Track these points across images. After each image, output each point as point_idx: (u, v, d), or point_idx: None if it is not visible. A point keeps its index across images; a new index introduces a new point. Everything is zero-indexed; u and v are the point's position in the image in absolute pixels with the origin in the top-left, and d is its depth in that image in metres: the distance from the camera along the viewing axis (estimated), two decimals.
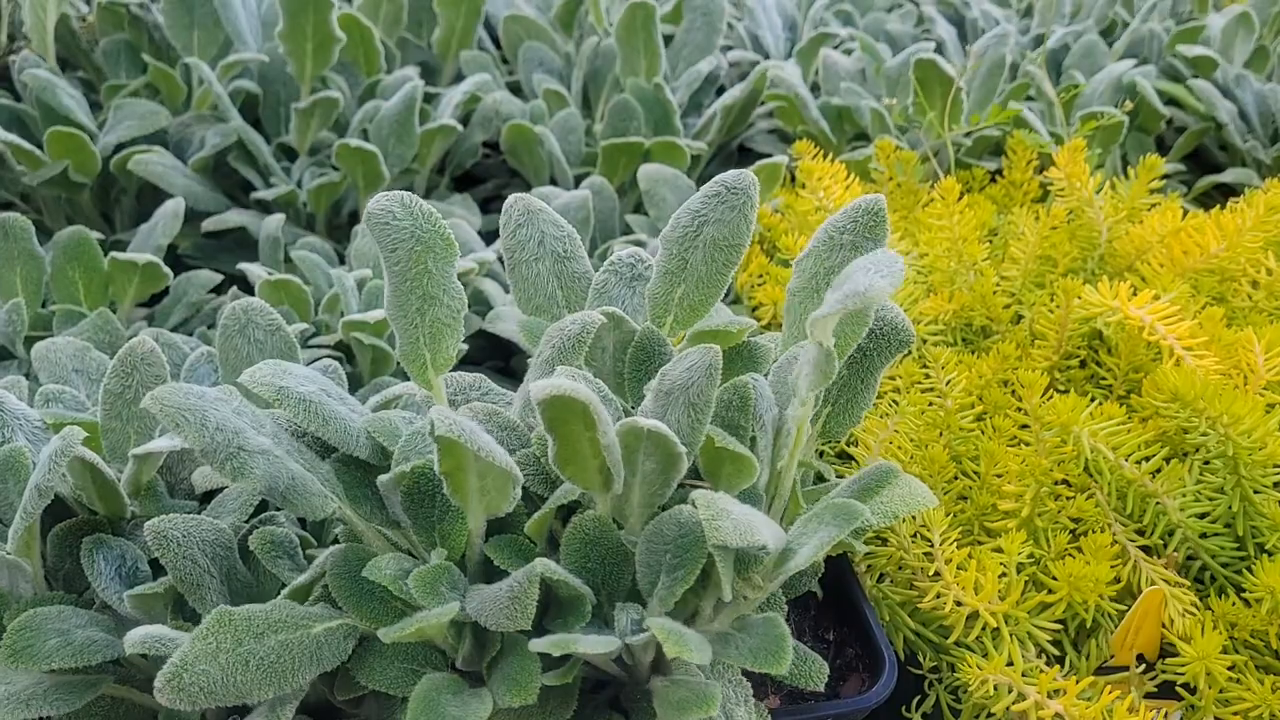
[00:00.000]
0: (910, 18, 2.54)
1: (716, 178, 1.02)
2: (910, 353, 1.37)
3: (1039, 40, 2.40)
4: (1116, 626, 1.11)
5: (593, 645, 0.77)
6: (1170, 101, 2.15)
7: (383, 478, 0.89)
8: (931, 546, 1.07)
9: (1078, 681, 1.01)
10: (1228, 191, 2.04)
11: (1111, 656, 1.11)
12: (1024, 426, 1.19)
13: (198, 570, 0.96)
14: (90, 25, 2.08)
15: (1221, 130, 2.06)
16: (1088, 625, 1.10)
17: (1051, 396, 1.14)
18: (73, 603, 1.00)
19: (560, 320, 0.98)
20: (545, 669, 0.84)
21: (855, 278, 0.79)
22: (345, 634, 0.87)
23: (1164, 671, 1.09)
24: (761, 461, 0.92)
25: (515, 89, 2.19)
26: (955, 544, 1.07)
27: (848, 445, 1.29)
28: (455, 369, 0.99)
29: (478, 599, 0.86)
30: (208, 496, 1.12)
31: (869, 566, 1.15)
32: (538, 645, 0.77)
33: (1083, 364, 1.34)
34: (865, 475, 0.92)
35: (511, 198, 1.07)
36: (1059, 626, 1.10)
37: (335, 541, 1.04)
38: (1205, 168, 2.16)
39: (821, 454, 1.27)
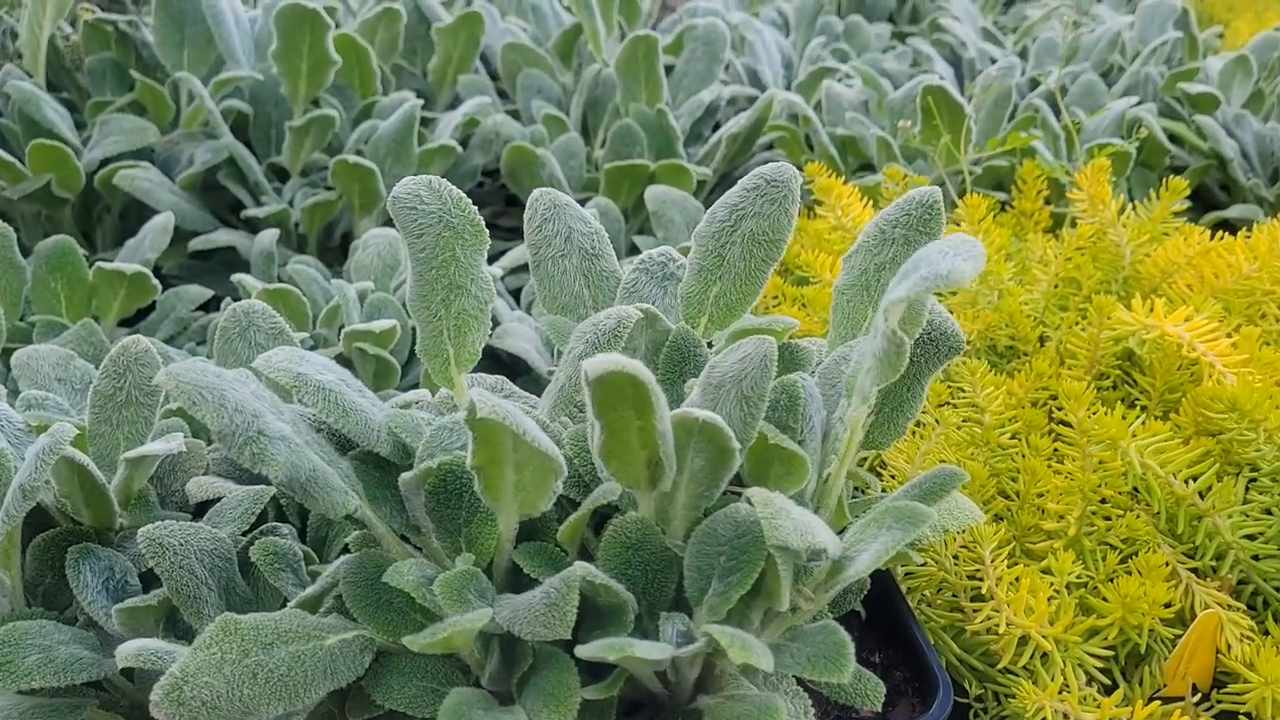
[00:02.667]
0: (906, 57, 2.53)
1: (754, 170, 0.97)
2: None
3: (1034, 82, 2.39)
4: (1169, 653, 1.05)
5: (647, 650, 0.70)
6: (1171, 139, 2.14)
7: (406, 475, 0.82)
8: (979, 565, 1.01)
9: (1134, 711, 0.94)
10: (1229, 229, 2.02)
11: (1164, 685, 1.05)
12: (1061, 438, 1.14)
13: (194, 581, 0.88)
14: (76, 44, 2.02)
15: (1226, 167, 2.05)
16: (1141, 650, 1.04)
17: (1095, 411, 1.09)
18: (54, 619, 0.92)
19: (594, 315, 0.92)
20: (584, 684, 0.77)
21: (933, 261, 0.74)
22: (361, 647, 0.80)
23: (1219, 701, 1.03)
24: (810, 466, 0.86)
25: (514, 117, 2.14)
26: (1008, 558, 1.00)
27: (874, 467, 1.23)
28: None
29: (509, 607, 0.79)
30: (201, 510, 1.04)
31: (908, 589, 1.08)
32: (587, 651, 0.70)
33: (1115, 385, 1.30)
34: (927, 479, 0.86)
35: (537, 192, 1.01)
36: (1109, 652, 1.04)
37: (344, 552, 0.96)
38: (1206, 206, 2.15)
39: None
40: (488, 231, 0.90)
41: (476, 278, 0.89)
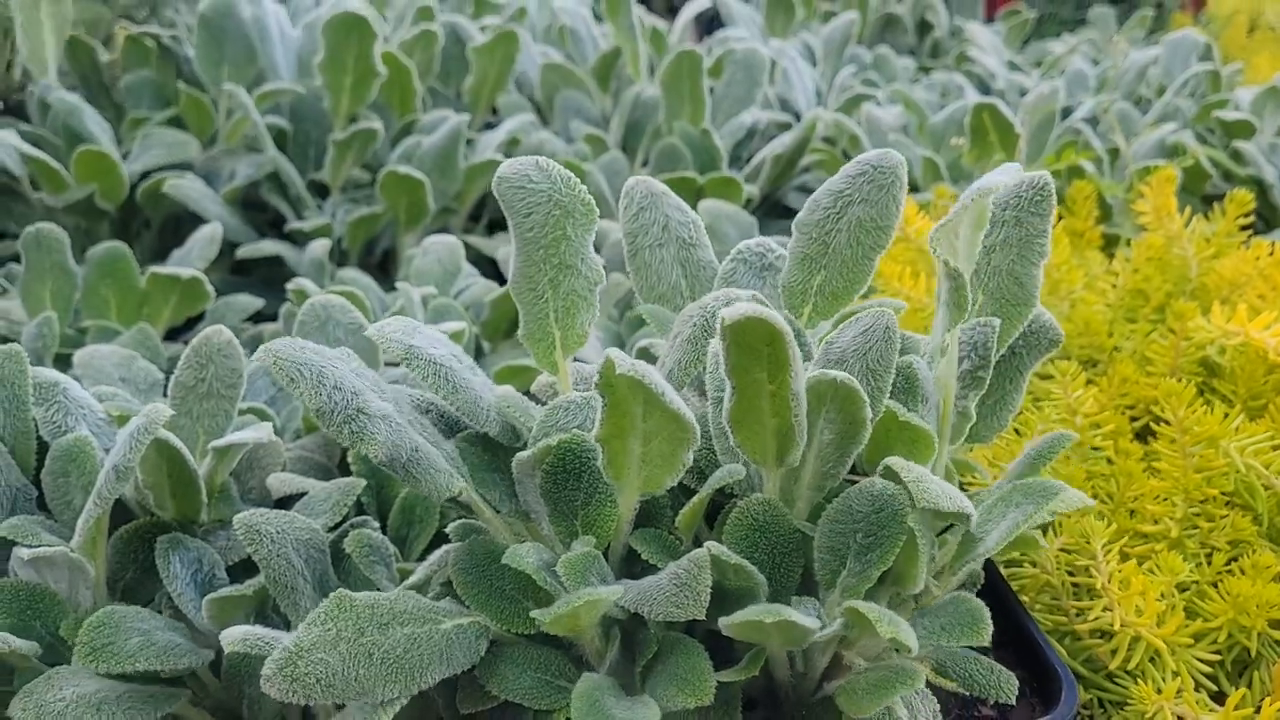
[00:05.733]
0: (934, 87, 2.53)
1: (858, 157, 0.95)
2: None
3: (1066, 112, 2.40)
4: (1277, 659, 1.02)
5: (801, 618, 0.66)
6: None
7: (522, 454, 0.79)
8: (1088, 562, 0.98)
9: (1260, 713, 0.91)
10: None
11: (1272, 691, 1.02)
12: (1151, 443, 1.12)
13: (291, 571, 0.85)
14: (115, 61, 2.01)
15: (1266, 193, 2.05)
16: (1252, 654, 1.01)
17: (1195, 410, 1.07)
18: None
19: (700, 299, 0.89)
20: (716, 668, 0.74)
21: (973, 185, 0.74)
22: (477, 633, 0.77)
23: None
24: (936, 444, 0.83)
25: None
26: (1118, 559, 0.98)
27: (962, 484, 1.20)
28: None
29: (635, 589, 0.75)
30: (280, 506, 1.00)
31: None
32: (739, 616, 0.67)
33: (1200, 392, 1.28)
34: (1035, 446, 0.84)
35: (632, 180, 0.99)
36: (1218, 656, 1.01)
37: (431, 549, 0.93)
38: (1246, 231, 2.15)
39: None
40: (597, 210, 0.87)
41: (586, 257, 0.87)
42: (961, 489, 1.06)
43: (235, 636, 0.75)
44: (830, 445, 0.77)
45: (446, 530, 0.86)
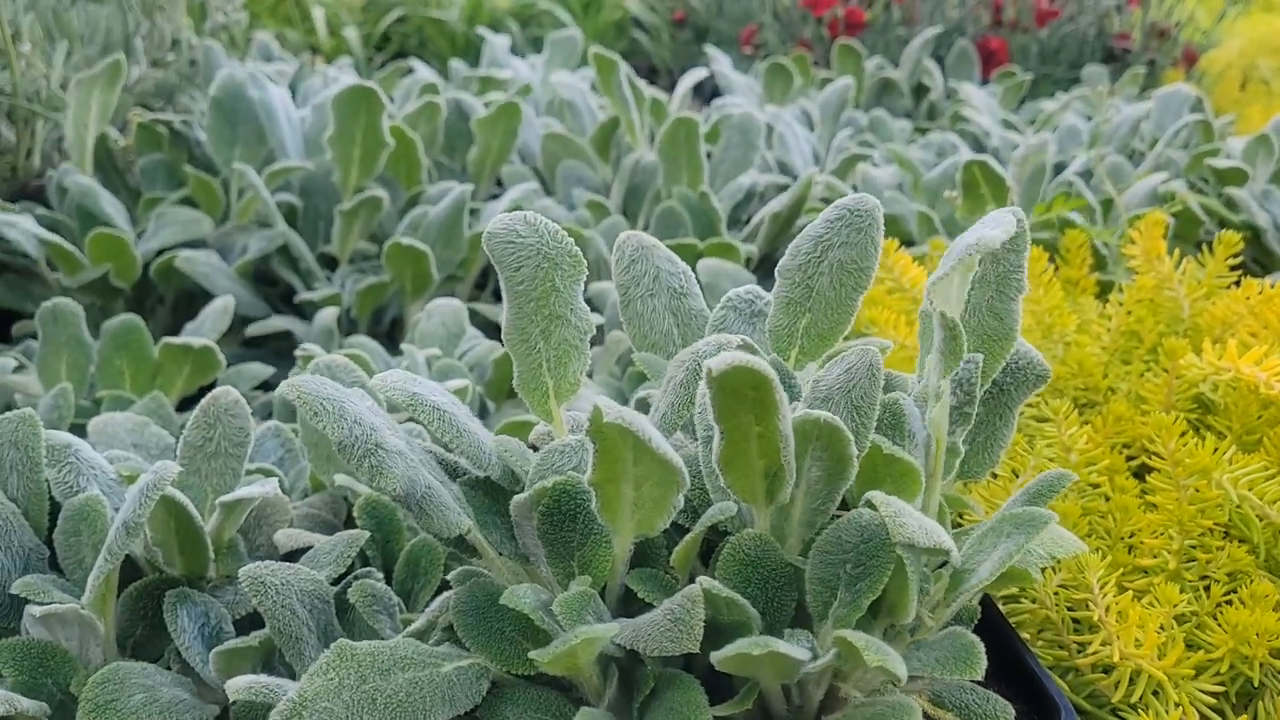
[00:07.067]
0: (931, 147, 2.58)
1: (836, 202, 0.98)
2: None
3: (1059, 167, 2.44)
4: None
5: (790, 649, 0.68)
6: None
7: (519, 497, 0.81)
8: (1085, 595, 0.99)
9: None
10: None
11: None
12: (1146, 479, 1.13)
13: (296, 621, 0.87)
14: (128, 147, 2.07)
15: (1260, 238, 2.07)
16: (1254, 684, 1.01)
17: (1185, 443, 1.08)
18: None
19: (691, 345, 0.92)
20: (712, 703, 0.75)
21: (965, 238, 0.77)
22: (478, 674, 0.78)
23: None
24: (923, 478, 0.85)
25: None
26: (1115, 591, 0.98)
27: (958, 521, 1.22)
28: None
29: (630, 627, 0.77)
30: (288, 560, 1.02)
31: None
32: (729, 650, 0.68)
33: (1193, 429, 1.29)
34: (1034, 484, 0.85)
35: (623, 235, 1.02)
36: (1221, 688, 1.01)
37: (436, 595, 0.95)
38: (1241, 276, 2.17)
39: None
40: (584, 261, 0.90)
41: (575, 308, 0.89)
42: (957, 526, 1.07)
43: (240, 685, 0.77)
44: (819, 482, 0.79)
45: (449, 578, 0.88)
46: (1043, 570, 1.06)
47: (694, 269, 1.74)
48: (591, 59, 2.08)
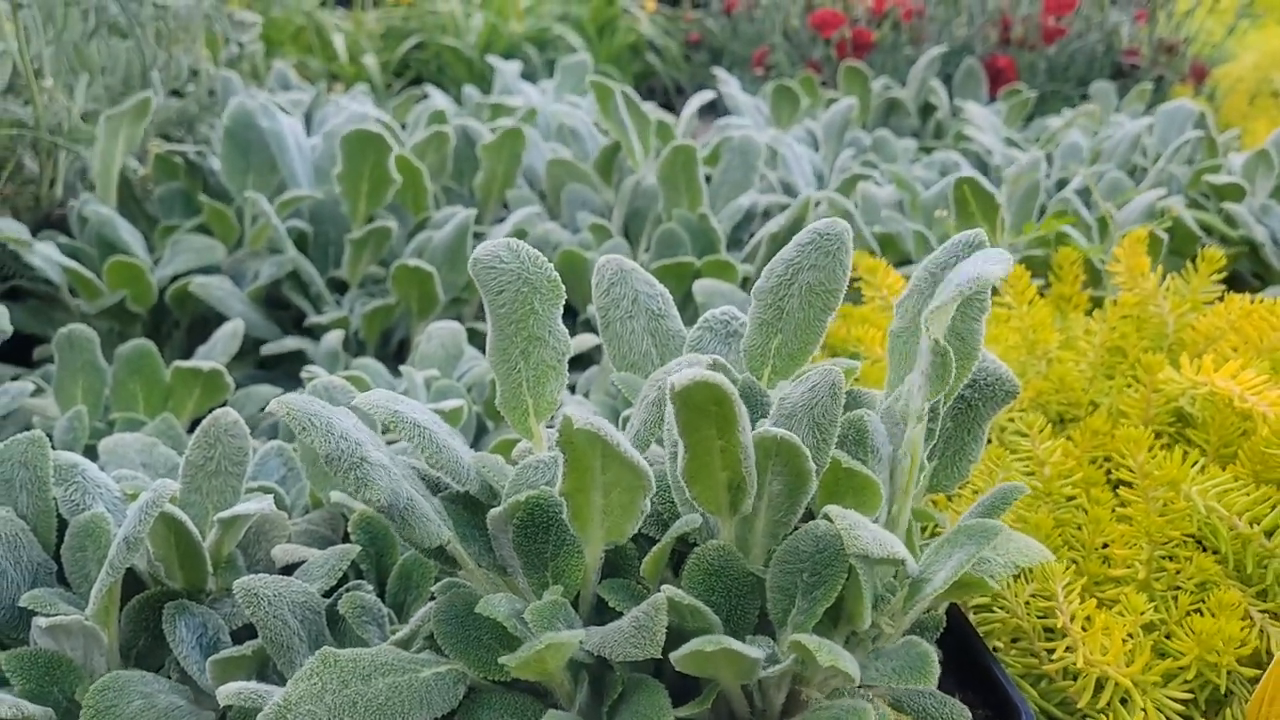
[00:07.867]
0: (934, 166, 2.61)
1: (809, 226, 1.02)
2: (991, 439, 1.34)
3: (1061, 184, 2.47)
4: (1249, 696, 1.04)
5: (743, 647, 0.71)
6: (1201, 230, 2.19)
7: (494, 511, 0.86)
8: (1053, 602, 1.02)
9: None
10: None
11: None
12: (1121, 492, 1.16)
13: (287, 632, 0.91)
14: (146, 177, 2.14)
15: (1258, 252, 2.09)
16: (1222, 691, 1.03)
17: (1155, 455, 1.11)
18: None
19: (666, 365, 0.96)
20: (675, 705, 0.78)
21: (965, 270, 0.79)
22: (455, 679, 0.82)
23: None
24: (883, 492, 0.88)
25: None
26: (1079, 598, 1.01)
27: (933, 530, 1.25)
28: None
29: (598, 634, 0.81)
30: (285, 574, 1.07)
31: (984, 634, 1.09)
32: (686, 649, 0.72)
33: (1171, 444, 1.31)
34: (989, 497, 0.88)
35: (603, 259, 1.07)
36: (1190, 695, 1.03)
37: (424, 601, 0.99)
38: (1240, 291, 2.18)
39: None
40: (563, 286, 0.95)
41: (554, 330, 0.94)
42: (933, 532, 1.10)
43: (230, 692, 0.82)
44: (780, 495, 0.83)
45: (434, 589, 0.93)
46: (1015, 580, 1.09)
47: (691, 288, 1.80)
48: (590, 86, 2.14)
